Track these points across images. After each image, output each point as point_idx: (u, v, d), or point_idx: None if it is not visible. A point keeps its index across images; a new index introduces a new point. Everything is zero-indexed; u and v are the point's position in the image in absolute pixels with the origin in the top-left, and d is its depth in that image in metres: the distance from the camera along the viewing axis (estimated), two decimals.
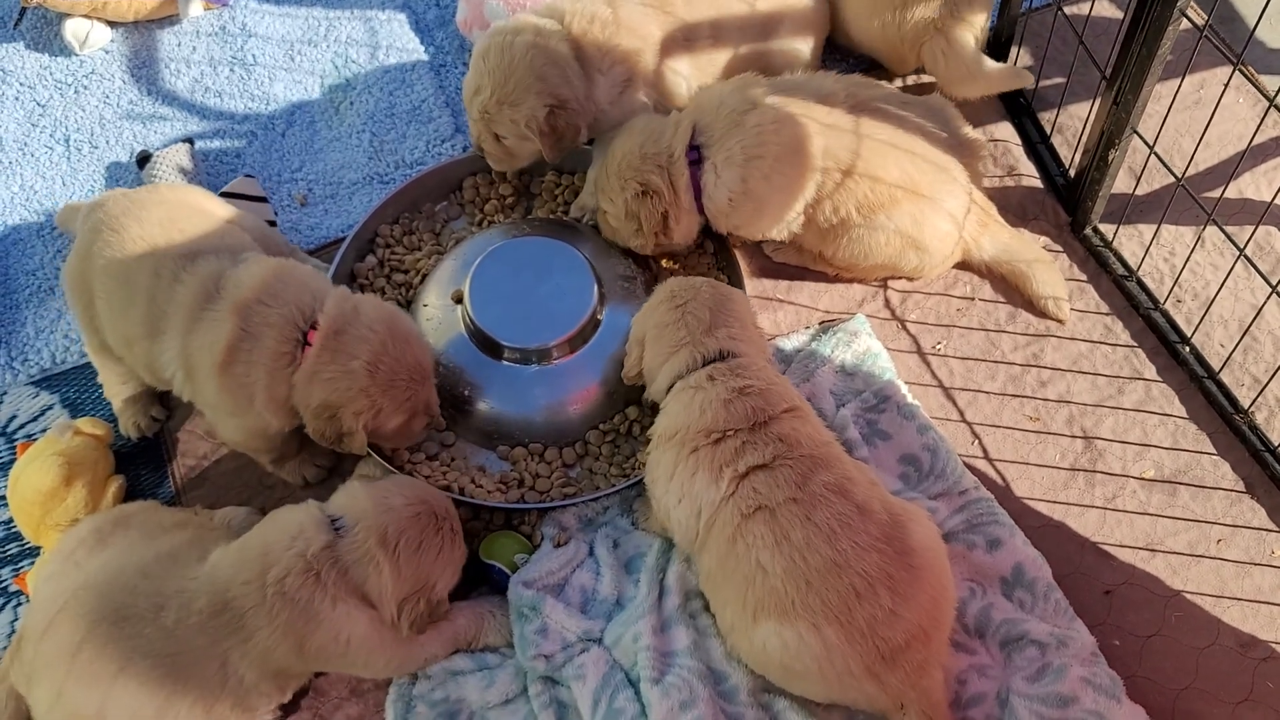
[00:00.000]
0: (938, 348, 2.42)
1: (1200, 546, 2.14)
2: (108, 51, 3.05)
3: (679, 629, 1.99)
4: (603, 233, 2.47)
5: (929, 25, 2.58)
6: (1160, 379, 2.34)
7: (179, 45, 3.06)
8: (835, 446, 1.92)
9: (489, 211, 2.61)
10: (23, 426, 2.45)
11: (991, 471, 2.25)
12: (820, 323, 2.46)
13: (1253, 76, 2.74)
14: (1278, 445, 2.20)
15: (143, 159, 2.72)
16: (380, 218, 2.56)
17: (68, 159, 2.86)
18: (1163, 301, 2.42)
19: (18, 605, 2.23)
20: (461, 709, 2.00)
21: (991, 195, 2.51)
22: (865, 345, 2.37)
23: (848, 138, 2.29)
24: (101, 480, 2.24)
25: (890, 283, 2.50)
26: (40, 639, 1.83)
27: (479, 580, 2.14)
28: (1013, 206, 2.57)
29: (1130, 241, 2.52)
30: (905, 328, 2.45)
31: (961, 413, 2.33)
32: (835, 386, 2.32)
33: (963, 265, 2.50)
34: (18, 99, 2.98)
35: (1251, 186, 2.58)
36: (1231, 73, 2.15)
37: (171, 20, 3.10)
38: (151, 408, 2.36)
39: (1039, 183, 2.64)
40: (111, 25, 3.07)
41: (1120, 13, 2.89)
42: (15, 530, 2.29)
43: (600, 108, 2.42)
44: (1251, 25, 2.04)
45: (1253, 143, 2.44)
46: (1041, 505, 2.20)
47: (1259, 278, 2.22)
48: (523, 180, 2.65)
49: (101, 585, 1.85)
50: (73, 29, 2.99)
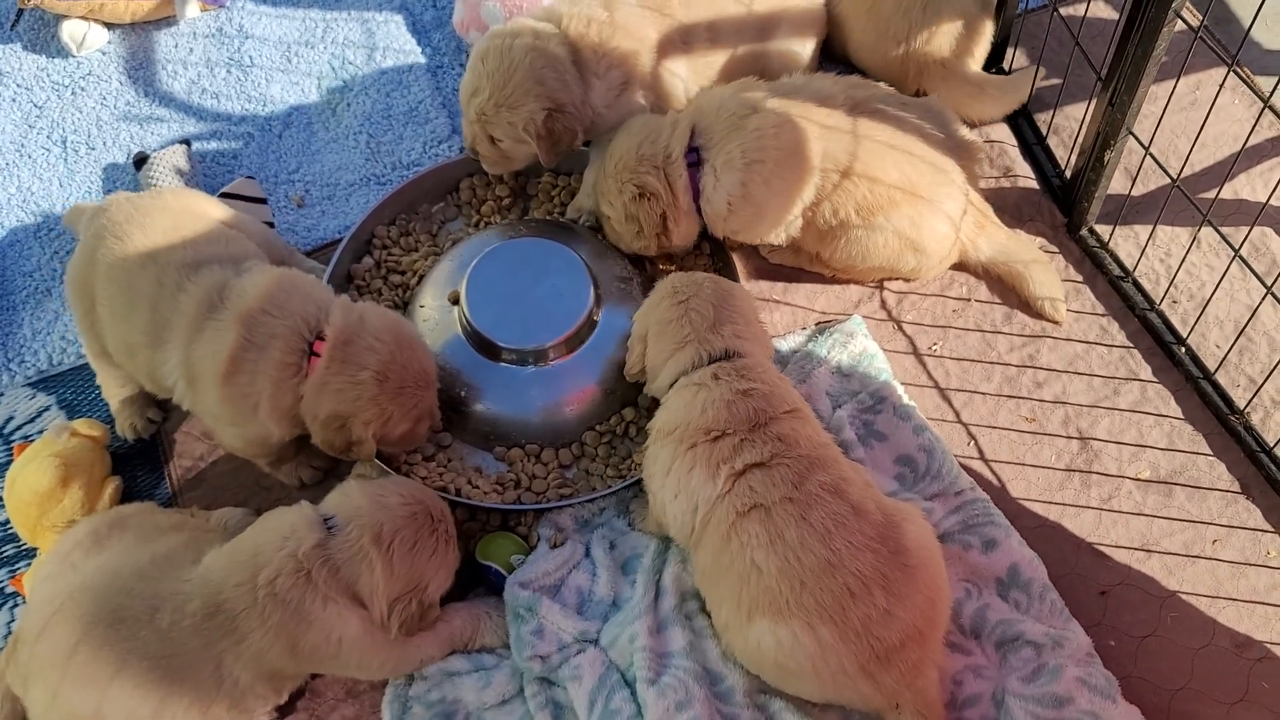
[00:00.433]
0: (934, 348, 2.42)
1: (1196, 547, 2.14)
2: (105, 53, 3.06)
3: (675, 630, 1.99)
4: (608, 238, 2.47)
5: (935, 61, 2.62)
6: (1156, 380, 2.34)
7: (176, 47, 3.06)
8: (833, 448, 1.92)
9: (486, 212, 2.61)
10: (20, 428, 2.45)
11: (987, 472, 2.25)
12: (816, 324, 2.47)
13: (1248, 77, 2.75)
14: (1273, 446, 2.20)
15: (140, 160, 2.72)
16: (377, 219, 2.57)
17: (65, 160, 2.87)
18: (1158, 302, 2.42)
19: (14, 607, 2.23)
20: (458, 710, 2.00)
21: (988, 196, 2.51)
22: (861, 346, 2.37)
23: (847, 140, 2.29)
24: (98, 481, 2.24)
25: (886, 284, 2.50)
26: (36, 640, 1.83)
27: (475, 581, 2.14)
28: (1009, 207, 2.58)
29: (1126, 242, 2.52)
30: (901, 329, 2.45)
31: (957, 413, 2.33)
32: (831, 387, 2.32)
33: (959, 266, 2.50)
34: (14, 100, 2.98)
35: (1247, 187, 2.58)
36: (1226, 73, 2.14)
37: (168, 22, 3.10)
38: (149, 409, 2.36)
39: (1035, 184, 2.64)
40: (108, 27, 3.07)
41: (1115, 14, 2.90)
42: (12, 532, 2.29)
43: (597, 111, 2.42)
44: (1247, 26, 2.04)
45: (1248, 144, 2.44)
46: (1037, 506, 2.20)
47: (1254, 278, 2.23)
48: (519, 181, 2.66)
49: (97, 587, 1.85)
50: (70, 30, 2.99)
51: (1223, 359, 2.30)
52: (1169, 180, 2.28)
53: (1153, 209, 2.53)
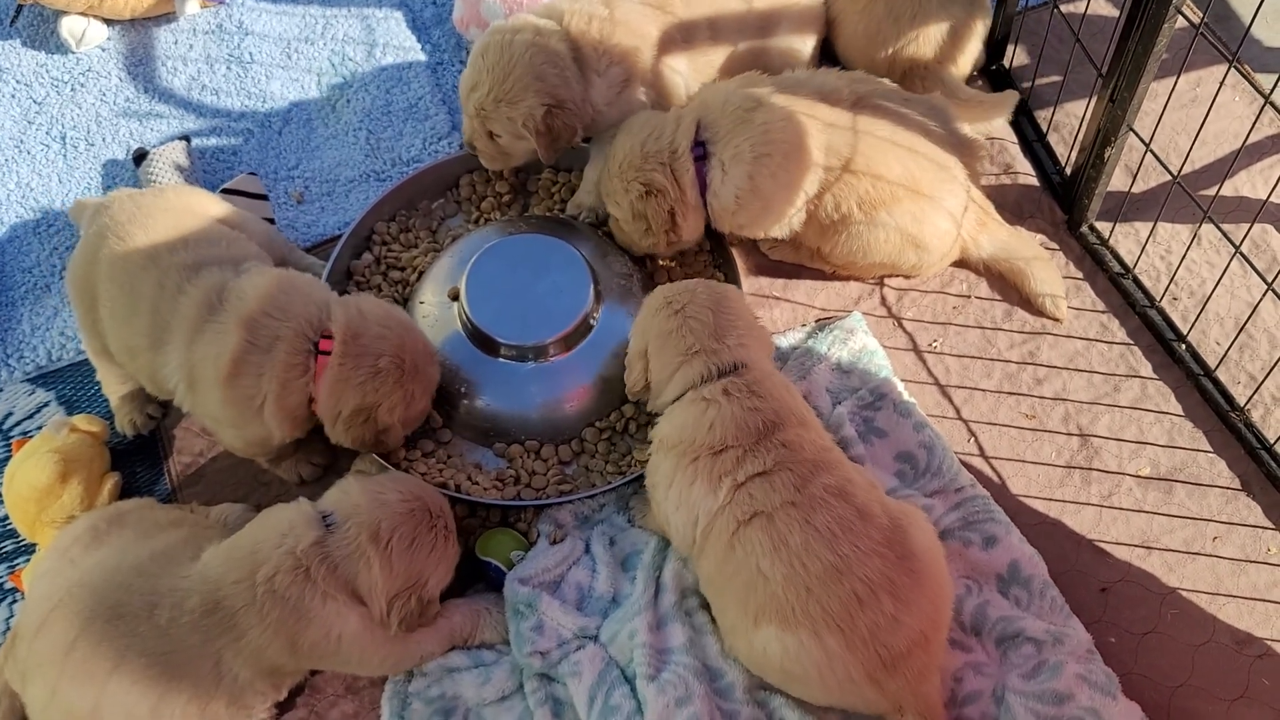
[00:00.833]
0: (934, 345, 2.42)
1: (1196, 544, 2.14)
2: (104, 49, 3.05)
3: (675, 626, 1.98)
4: (618, 240, 2.46)
5: (920, 65, 2.61)
6: (1156, 376, 2.34)
7: (176, 43, 3.06)
8: (837, 451, 1.90)
9: (485, 209, 2.61)
10: (19, 423, 2.44)
11: (987, 469, 2.25)
12: (817, 320, 2.46)
13: (1248, 74, 2.75)
14: (1273, 442, 2.20)
15: (139, 156, 2.72)
16: (377, 215, 2.56)
17: (64, 156, 2.86)
18: (1159, 299, 2.42)
19: (13, 603, 2.23)
20: (457, 706, 2.00)
21: (988, 193, 2.51)
22: (861, 343, 2.37)
23: (850, 134, 2.28)
24: (97, 477, 2.24)
25: (886, 280, 2.50)
26: (35, 636, 1.83)
27: (475, 577, 2.14)
28: (1009, 204, 2.57)
29: (1126, 239, 2.52)
30: (901, 325, 2.45)
31: (957, 410, 2.33)
32: (831, 384, 2.32)
33: (960, 263, 2.50)
34: (14, 96, 2.98)
35: (1247, 184, 2.58)
36: (1227, 70, 2.14)
37: (168, 18, 3.10)
38: (148, 405, 2.36)
39: (1035, 181, 2.64)
40: (108, 23, 3.07)
41: (1116, 11, 2.90)
42: (11, 527, 2.29)
43: (597, 108, 2.42)
44: (1247, 23, 2.04)
45: (1248, 141, 2.44)
46: (1037, 503, 2.20)
47: (1255, 275, 2.23)
48: (519, 178, 2.65)
49: (96, 583, 1.85)
50: (69, 26, 2.99)
51: (1223, 356, 2.29)
52: (1169, 177, 2.28)
53: (1153, 206, 2.53)
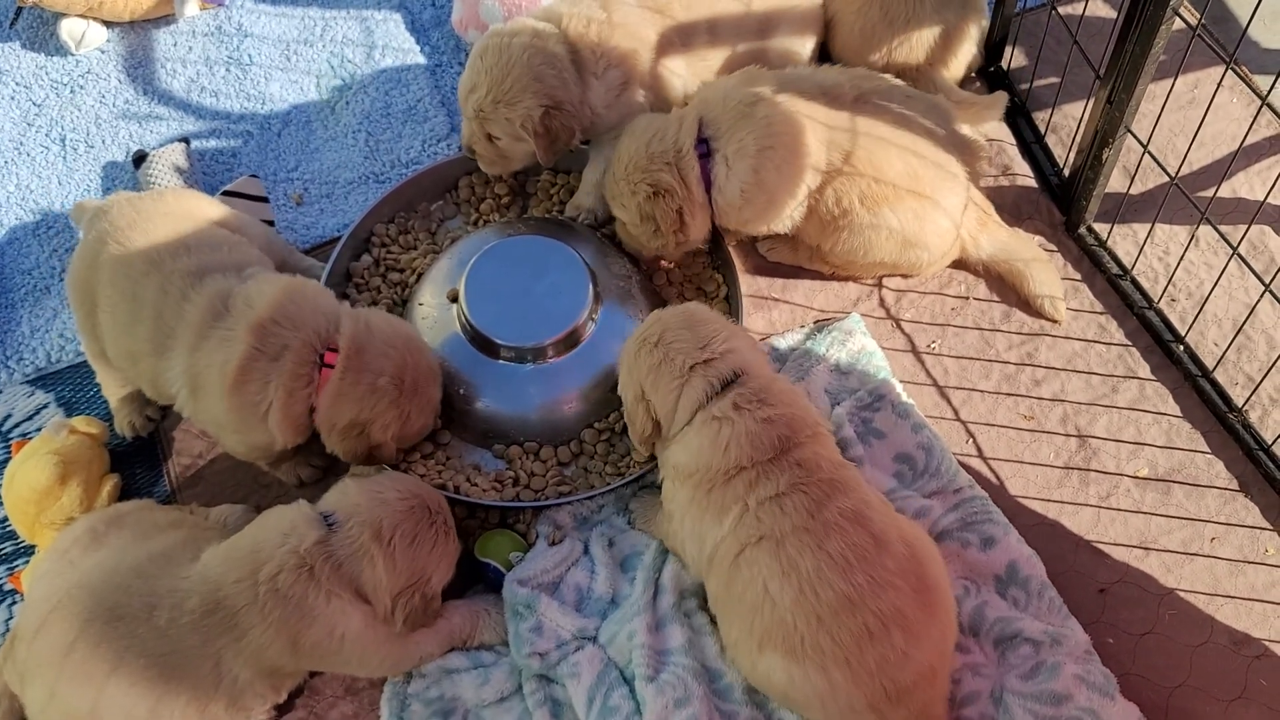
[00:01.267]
0: (932, 346, 2.42)
1: (1194, 545, 2.14)
2: (104, 51, 3.06)
3: (674, 627, 1.99)
4: (625, 244, 2.45)
5: (911, 67, 2.61)
6: (1154, 378, 2.34)
7: (175, 45, 3.06)
8: (851, 469, 1.86)
9: (484, 210, 2.61)
10: (18, 425, 2.45)
11: (986, 470, 2.25)
12: (815, 321, 2.47)
13: (1246, 76, 2.75)
14: (1271, 443, 2.20)
15: (139, 158, 2.72)
16: (376, 217, 2.57)
17: (63, 158, 2.87)
18: (1157, 300, 2.42)
19: (12, 604, 2.23)
20: (456, 707, 2.00)
21: (986, 195, 2.51)
22: (860, 344, 2.37)
23: (852, 129, 2.28)
24: (96, 479, 2.24)
25: (885, 282, 2.51)
26: (34, 638, 1.83)
27: (474, 579, 2.14)
28: (1007, 206, 2.58)
29: (1124, 241, 2.53)
30: (900, 327, 2.45)
31: (956, 411, 2.33)
32: (830, 385, 2.32)
33: (959, 264, 2.50)
34: (13, 98, 2.98)
35: (1245, 186, 2.59)
36: (1224, 72, 2.15)
37: (167, 20, 3.10)
38: (147, 407, 2.36)
39: (1033, 182, 2.65)
40: (107, 25, 3.07)
41: (1114, 12, 2.90)
42: (10, 529, 2.29)
43: (596, 111, 2.42)
44: (1244, 25, 2.04)
45: (1246, 142, 2.43)
46: (1035, 503, 2.21)
47: (1253, 277, 2.23)
48: (518, 179, 2.65)
49: (95, 584, 1.85)
50: (68, 28, 2.99)
51: (1221, 357, 2.30)
52: (1167, 178, 2.28)
53: (1151, 207, 2.53)
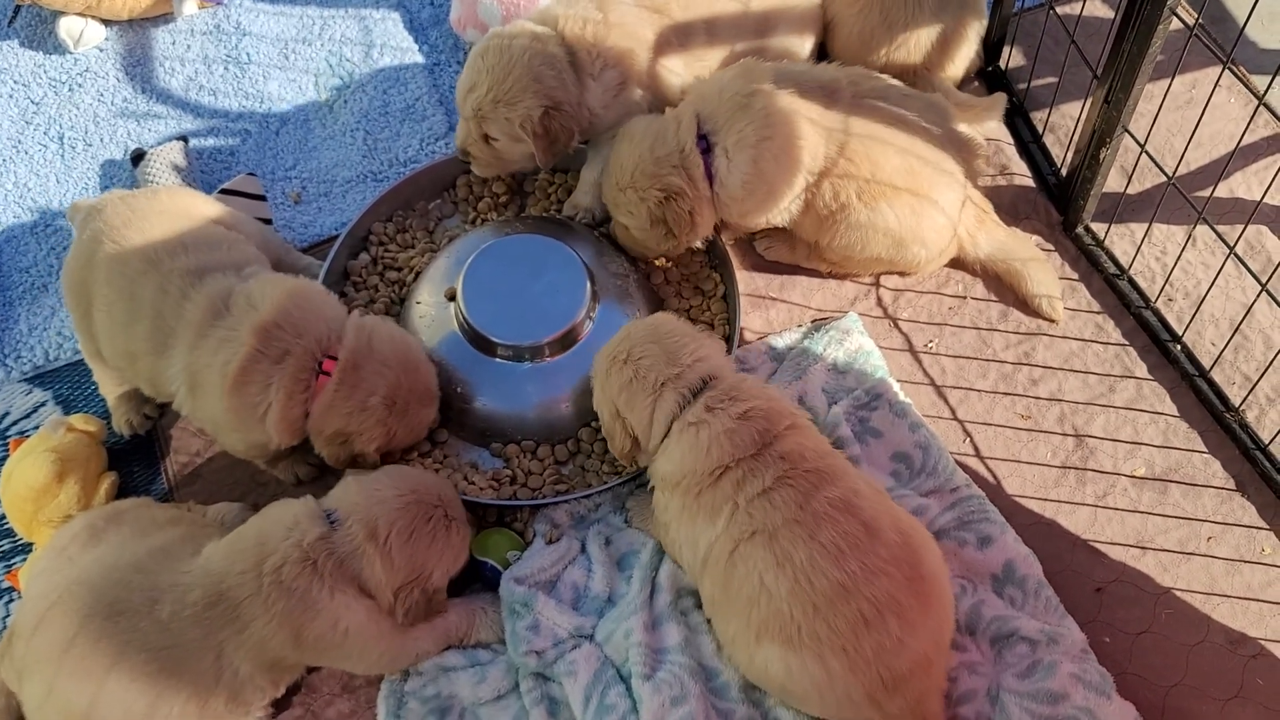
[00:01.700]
0: (929, 346, 2.42)
1: (1191, 544, 2.15)
2: (102, 49, 3.06)
3: (670, 626, 1.99)
4: (626, 247, 2.45)
5: (910, 69, 2.61)
6: (1151, 377, 2.35)
7: (173, 43, 3.07)
8: (838, 457, 1.87)
9: (482, 209, 2.61)
10: (15, 423, 2.45)
11: (983, 469, 2.26)
12: (812, 320, 2.47)
13: (1243, 76, 2.75)
14: (1268, 443, 2.20)
15: (137, 157, 2.72)
16: (374, 215, 2.57)
17: (62, 157, 2.87)
18: (1154, 300, 2.42)
19: (9, 602, 2.23)
20: (453, 705, 2.00)
21: (984, 194, 2.51)
22: (857, 343, 2.38)
23: (848, 124, 2.28)
24: (94, 477, 2.24)
25: (882, 281, 2.51)
26: (33, 634, 1.83)
27: (471, 577, 2.14)
28: (1005, 205, 2.58)
29: (1122, 240, 2.53)
30: (897, 326, 2.45)
31: (953, 410, 2.33)
32: (827, 384, 2.33)
33: (956, 263, 2.50)
34: (12, 97, 2.98)
35: (1242, 185, 2.59)
36: (1221, 71, 2.15)
37: (166, 18, 3.10)
38: (145, 405, 2.36)
39: (1031, 182, 2.65)
40: (106, 23, 3.07)
41: (1111, 12, 2.90)
42: (7, 527, 2.29)
43: (594, 112, 2.42)
44: (1242, 25, 2.04)
45: (1243, 142, 2.45)
46: (1032, 503, 2.21)
47: (1250, 276, 2.23)
48: (516, 178, 2.65)
49: (95, 580, 1.85)
50: (67, 27, 2.99)
51: (1218, 356, 2.30)
52: (1165, 178, 2.28)
53: (1148, 207, 2.53)
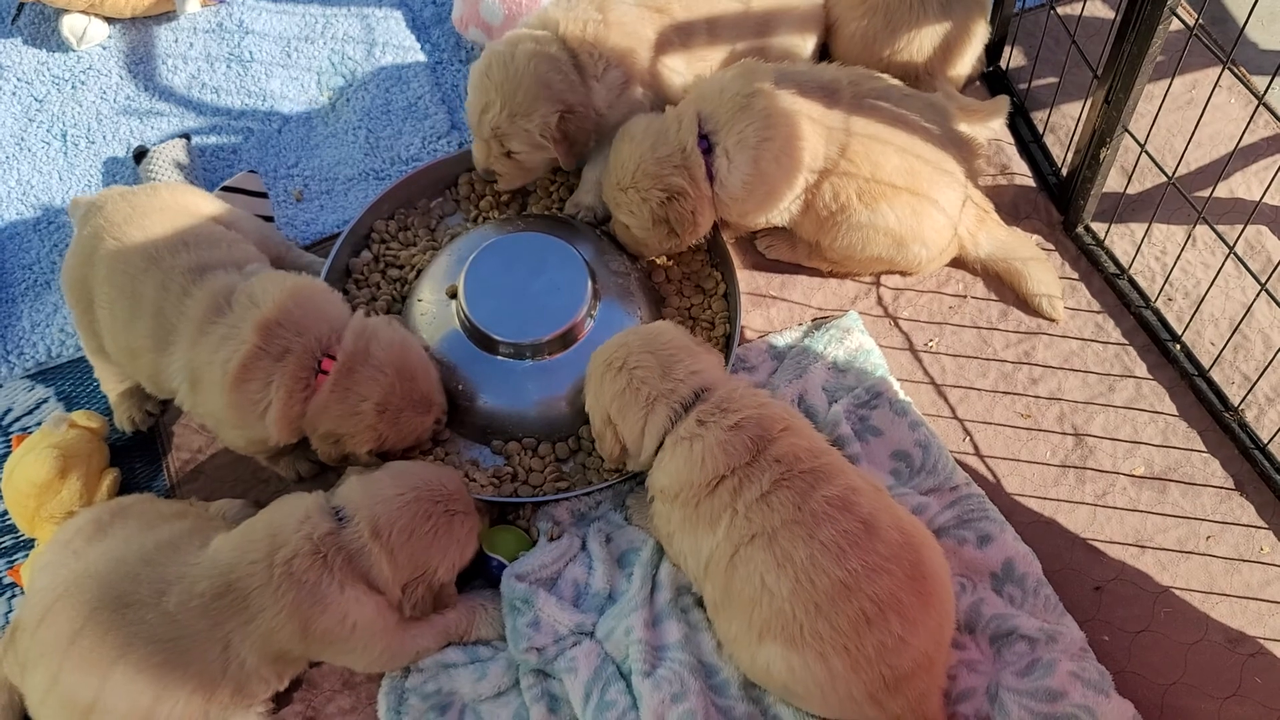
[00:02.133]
0: (930, 345, 2.43)
1: (1190, 543, 2.15)
2: (105, 47, 3.06)
3: (671, 623, 2.00)
4: (625, 245, 2.45)
5: (914, 69, 2.61)
6: (1151, 377, 2.35)
7: (176, 41, 3.07)
8: (834, 455, 1.88)
9: (484, 207, 2.62)
10: (18, 419, 2.45)
11: (982, 468, 2.26)
12: (813, 319, 2.48)
13: (1243, 76, 2.76)
14: (1267, 442, 2.21)
15: (139, 154, 2.73)
16: (376, 213, 2.57)
17: (64, 154, 2.87)
18: (1154, 299, 2.43)
19: (12, 597, 2.24)
20: (454, 701, 2.01)
21: (985, 194, 2.51)
22: (858, 342, 2.38)
23: (848, 124, 2.29)
24: (96, 473, 2.25)
25: (883, 280, 2.51)
26: (38, 627, 1.84)
27: (472, 574, 2.14)
28: (1005, 205, 2.58)
29: (1122, 240, 2.53)
30: (897, 325, 2.46)
31: (953, 409, 2.34)
32: (827, 383, 2.33)
33: (957, 263, 2.51)
34: (15, 94, 2.99)
35: (1242, 186, 2.59)
36: (1221, 72, 2.16)
37: (169, 16, 3.11)
38: (147, 402, 2.37)
39: (1031, 181, 2.65)
40: (109, 21, 3.08)
41: (1112, 12, 2.91)
42: (10, 523, 2.30)
43: (600, 112, 2.43)
44: (1241, 25, 2.05)
45: (1243, 142, 2.45)
46: (1032, 501, 2.21)
47: (1249, 276, 2.24)
48: None
49: (102, 573, 1.86)
50: (70, 25, 3.00)
51: (1217, 356, 2.30)
52: (1165, 178, 2.29)
53: (1148, 207, 2.54)
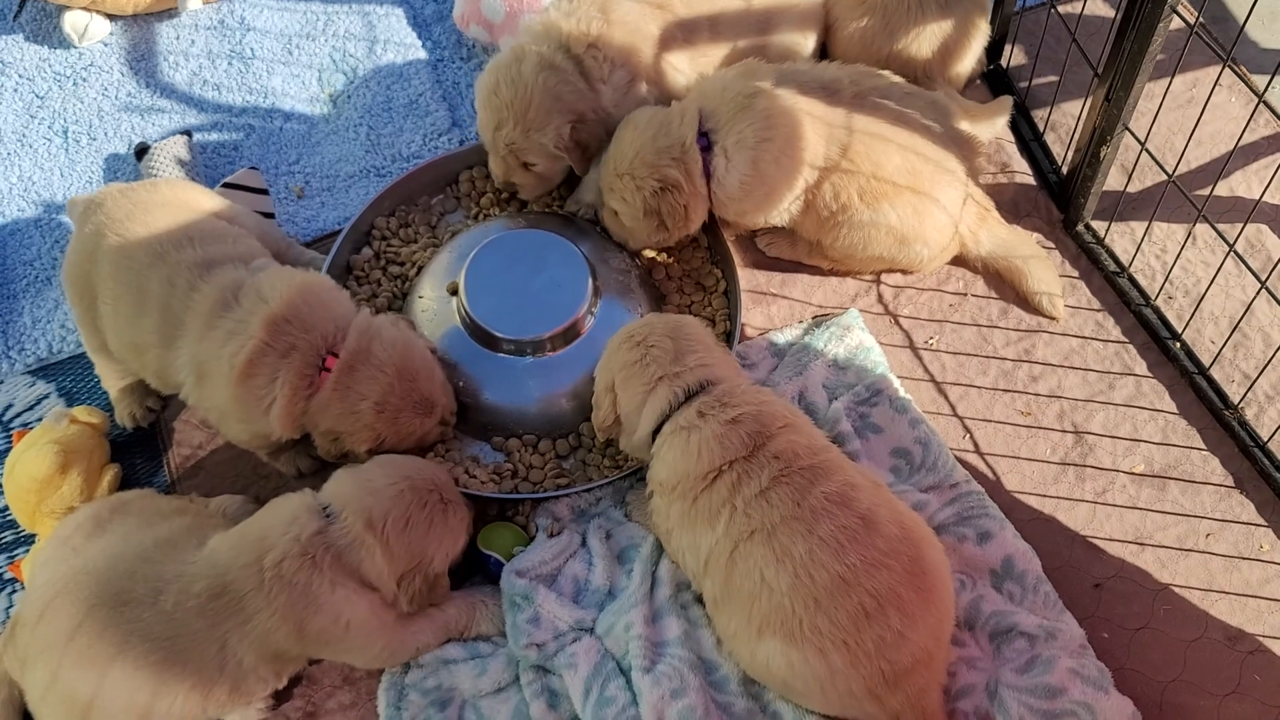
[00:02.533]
0: (930, 342, 2.43)
1: (1189, 541, 2.15)
2: (106, 44, 3.07)
3: (670, 619, 2.00)
4: (612, 233, 2.46)
5: (915, 68, 2.60)
6: (1151, 375, 2.35)
7: (178, 38, 3.07)
8: (834, 452, 1.89)
9: (485, 204, 2.62)
10: (19, 415, 2.46)
11: (982, 465, 2.26)
12: (814, 317, 2.48)
13: (1244, 74, 2.76)
14: (1267, 441, 2.21)
15: (141, 151, 2.73)
16: (376, 210, 2.57)
17: (66, 151, 2.87)
18: (1154, 298, 2.43)
19: (12, 593, 2.24)
20: (453, 697, 2.01)
21: (985, 192, 2.51)
22: (858, 340, 2.38)
23: (850, 123, 2.29)
24: (97, 468, 2.25)
25: (883, 278, 2.51)
26: (37, 622, 1.84)
27: (472, 570, 2.15)
28: (1006, 203, 2.58)
29: (1122, 238, 2.53)
30: (898, 322, 2.46)
31: (953, 407, 2.34)
32: (828, 380, 2.33)
33: (958, 261, 2.51)
34: (16, 91, 2.99)
35: (1242, 184, 2.59)
36: (1221, 70, 2.16)
37: (170, 14, 3.11)
38: (147, 398, 2.37)
39: (1032, 180, 2.66)
40: (110, 18, 3.08)
41: (1112, 11, 2.91)
42: (10, 518, 2.30)
43: (608, 112, 2.44)
44: (1241, 24, 2.05)
45: (1243, 140, 2.45)
46: (1032, 499, 2.21)
47: (1249, 274, 2.24)
48: None
49: (100, 570, 1.86)
50: (72, 21, 3.00)
51: (1217, 354, 2.31)
52: (1165, 176, 2.29)
53: (1149, 205, 2.54)
